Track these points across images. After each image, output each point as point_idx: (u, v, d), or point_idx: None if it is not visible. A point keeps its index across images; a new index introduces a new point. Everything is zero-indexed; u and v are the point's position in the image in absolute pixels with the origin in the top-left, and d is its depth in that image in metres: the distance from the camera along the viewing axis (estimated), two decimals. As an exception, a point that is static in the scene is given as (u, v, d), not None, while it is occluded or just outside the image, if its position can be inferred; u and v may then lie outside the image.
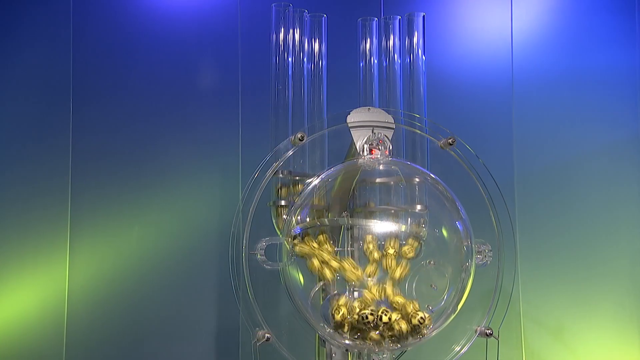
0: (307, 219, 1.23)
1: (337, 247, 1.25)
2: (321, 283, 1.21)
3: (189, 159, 1.78)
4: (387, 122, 1.24)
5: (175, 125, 1.78)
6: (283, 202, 1.29)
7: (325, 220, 1.24)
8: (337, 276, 1.19)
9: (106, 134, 1.76)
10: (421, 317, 1.13)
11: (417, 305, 1.15)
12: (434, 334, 1.18)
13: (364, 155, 1.22)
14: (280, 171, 1.28)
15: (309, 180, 1.25)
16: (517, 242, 1.80)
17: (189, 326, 1.73)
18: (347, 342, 1.15)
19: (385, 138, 1.23)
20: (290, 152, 1.24)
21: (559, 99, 1.90)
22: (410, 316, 1.13)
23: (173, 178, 1.77)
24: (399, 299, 1.15)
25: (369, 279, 1.17)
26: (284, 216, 1.26)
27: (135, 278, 1.72)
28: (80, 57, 1.76)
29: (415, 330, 1.14)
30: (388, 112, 1.25)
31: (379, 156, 1.22)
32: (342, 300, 1.14)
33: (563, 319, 1.85)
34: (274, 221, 1.29)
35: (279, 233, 1.26)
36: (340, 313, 1.13)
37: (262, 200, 1.21)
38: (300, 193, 1.24)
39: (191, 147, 1.78)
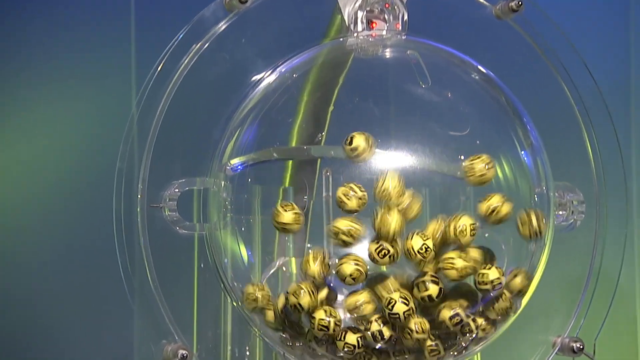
0: (255, 148, 1.17)
1: (307, 196, 1.17)
2: (279, 261, 1.16)
3: (50, 46, 1.75)
4: (397, -29, 1.21)
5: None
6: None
7: (285, 149, 1.20)
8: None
9: None
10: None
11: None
12: (479, 348, 1.13)
13: (357, 31, 1.17)
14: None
15: (258, 76, 1.19)
16: (634, 193, 1.81)
17: (48, 338, 1.70)
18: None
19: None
20: (223, 25, 1.17)
21: None
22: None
23: (25, 81, 1.74)
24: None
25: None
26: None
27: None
28: None
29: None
30: (399, -47, 1.22)
31: (384, 32, 1.17)
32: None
33: None
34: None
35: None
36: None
37: (174, 111, 1.14)
38: (243, 99, 1.18)
39: (52, 27, 1.75)
